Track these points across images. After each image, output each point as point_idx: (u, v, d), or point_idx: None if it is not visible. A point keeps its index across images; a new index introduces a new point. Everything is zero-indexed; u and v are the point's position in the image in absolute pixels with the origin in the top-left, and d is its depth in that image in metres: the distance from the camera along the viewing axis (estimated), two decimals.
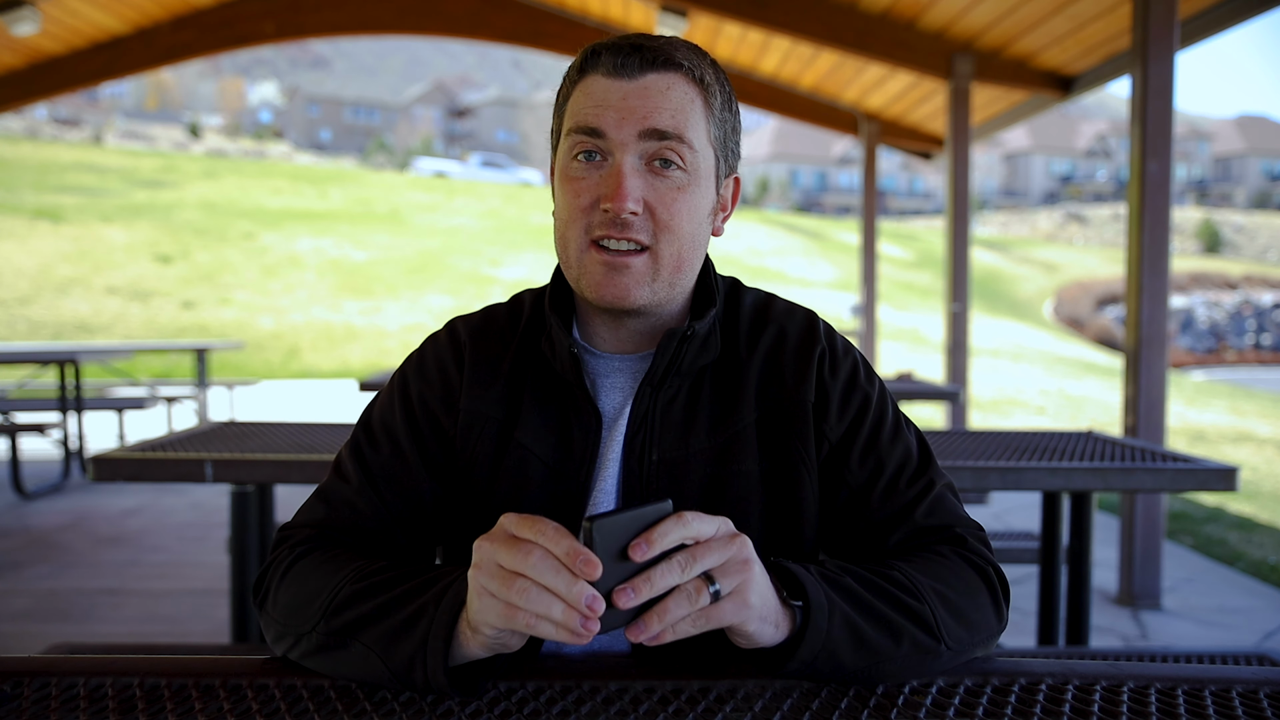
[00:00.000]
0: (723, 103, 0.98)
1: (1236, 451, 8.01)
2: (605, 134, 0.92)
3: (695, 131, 0.94)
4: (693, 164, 0.95)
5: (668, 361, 0.97)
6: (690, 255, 0.97)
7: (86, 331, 15.22)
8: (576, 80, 0.96)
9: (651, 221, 0.94)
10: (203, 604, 3.58)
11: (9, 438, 5.10)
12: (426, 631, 0.81)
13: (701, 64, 0.96)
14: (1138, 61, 3.84)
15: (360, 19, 7.29)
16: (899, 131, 7.84)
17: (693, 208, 0.96)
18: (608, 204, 0.92)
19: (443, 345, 1.06)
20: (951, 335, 6.15)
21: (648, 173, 0.93)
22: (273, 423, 2.55)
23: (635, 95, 0.92)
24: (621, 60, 0.93)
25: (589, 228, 0.94)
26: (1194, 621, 3.62)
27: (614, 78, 0.93)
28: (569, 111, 0.96)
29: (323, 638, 0.86)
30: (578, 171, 0.95)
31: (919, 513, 0.99)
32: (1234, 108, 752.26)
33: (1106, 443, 2.38)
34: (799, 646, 0.81)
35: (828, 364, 1.02)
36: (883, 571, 0.90)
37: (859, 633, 0.83)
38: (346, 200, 29.65)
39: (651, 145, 0.92)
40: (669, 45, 0.95)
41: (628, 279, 0.94)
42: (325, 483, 1.03)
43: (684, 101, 0.94)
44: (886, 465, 1.00)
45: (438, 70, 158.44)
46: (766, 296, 1.09)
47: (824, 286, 24.27)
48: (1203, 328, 30.02)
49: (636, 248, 0.94)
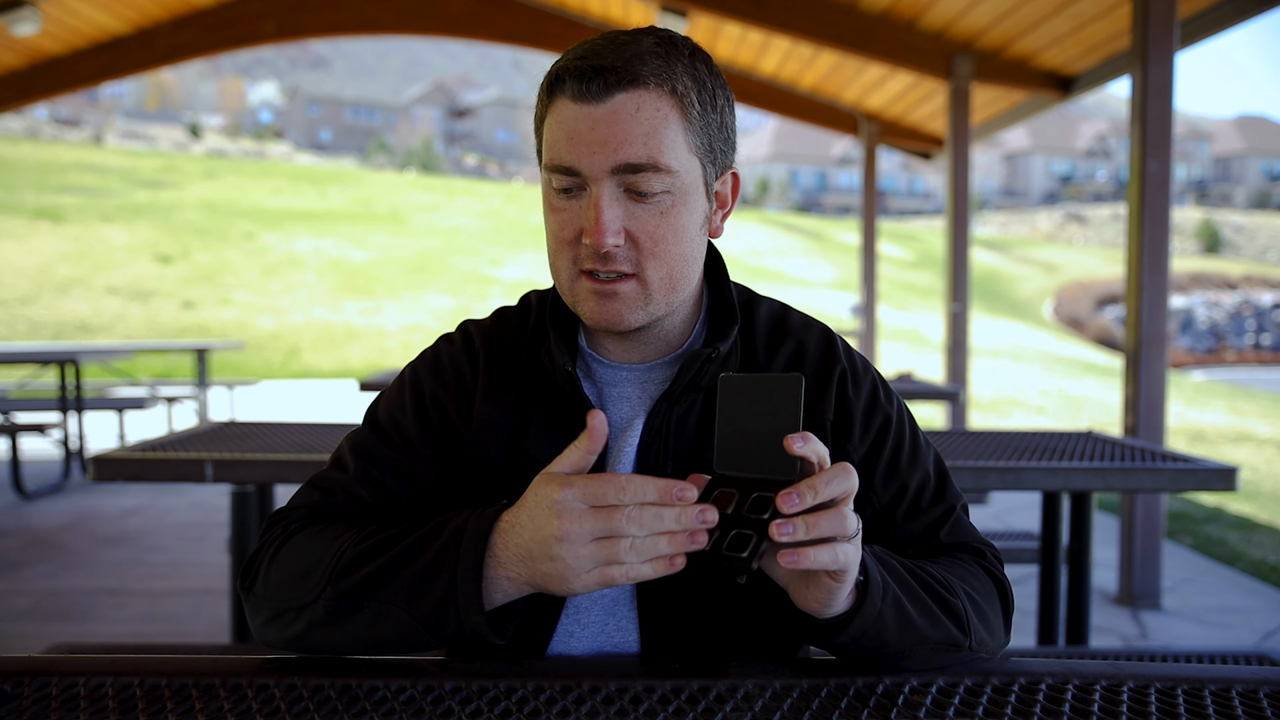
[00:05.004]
0: (703, 105, 0.93)
1: (1236, 451, 8.01)
2: (579, 171, 0.90)
3: (673, 152, 0.90)
4: (674, 185, 0.91)
5: (689, 380, 0.97)
6: (683, 271, 0.96)
7: (87, 331, 15.23)
8: (548, 103, 0.93)
9: (635, 250, 0.92)
10: (203, 604, 3.58)
11: (9, 438, 5.10)
12: (454, 575, 0.80)
13: (673, 70, 0.90)
14: (1138, 62, 3.84)
15: (360, 19, 7.29)
16: (899, 131, 7.84)
17: (678, 228, 0.93)
18: (587, 239, 0.90)
19: (457, 348, 1.05)
20: (951, 335, 6.15)
21: (627, 200, 0.91)
22: (273, 423, 2.55)
23: (604, 123, 0.88)
24: (585, 85, 0.88)
25: (576, 259, 0.93)
26: (1194, 621, 3.62)
27: (581, 103, 0.89)
28: (545, 139, 0.94)
29: (331, 603, 0.85)
30: (559, 203, 0.93)
31: (942, 533, 1.01)
32: (1234, 108, 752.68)
33: (1106, 443, 2.38)
34: (852, 620, 0.81)
35: (850, 383, 1.02)
36: (921, 563, 0.93)
37: (905, 615, 0.84)
38: (347, 200, 29.66)
39: (627, 177, 0.90)
40: (635, 59, 0.89)
41: (619, 305, 0.93)
42: (321, 473, 1.02)
43: (656, 121, 0.89)
44: (909, 486, 1.01)
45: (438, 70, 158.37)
46: (781, 308, 1.08)
47: (824, 286, 24.28)
48: (1203, 328, 30.02)
49: (623, 275, 0.93)
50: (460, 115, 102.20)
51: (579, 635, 0.98)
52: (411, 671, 0.86)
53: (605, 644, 0.98)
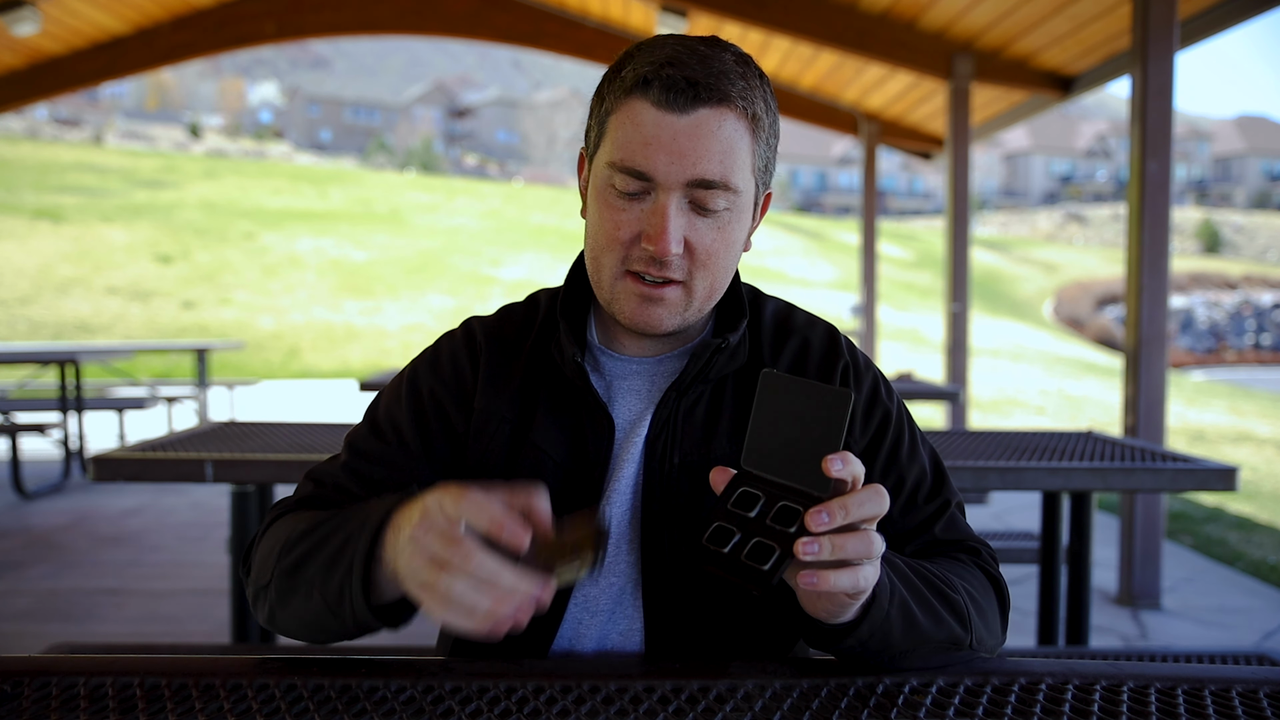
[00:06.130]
0: (770, 129, 0.95)
1: (1236, 451, 8.01)
2: (652, 176, 0.90)
3: (741, 172, 0.92)
4: (735, 203, 0.93)
5: (698, 370, 0.98)
6: (723, 283, 0.98)
7: (87, 331, 15.23)
8: (622, 98, 0.92)
9: (689, 260, 0.93)
10: (203, 604, 3.58)
11: (9, 438, 5.10)
12: (351, 558, 0.82)
13: (752, 92, 0.92)
14: (1138, 61, 3.84)
15: (360, 19, 7.29)
16: (899, 131, 7.84)
17: (730, 243, 0.95)
18: (649, 245, 0.91)
19: (458, 343, 1.06)
20: (951, 335, 6.15)
21: (690, 211, 0.92)
22: (273, 423, 2.55)
23: (685, 135, 0.89)
24: (673, 95, 0.89)
25: (626, 259, 0.94)
26: (1194, 621, 3.62)
27: (664, 110, 0.89)
28: (613, 134, 0.92)
29: (280, 582, 0.88)
30: (618, 202, 0.93)
31: (937, 528, 1.01)
32: (1234, 108, 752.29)
33: (1106, 443, 2.38)
34: (860, 625, 0.81)
35: (851, 378, 1.04)
36: (921, 562, 0.93)
37: (910, 616, 0.84)
38: (347, 200, 29.65)
39: (698, 191, 0.91)
40: (722, 77, 0.90)
41: (662, 310, 0.95)
42: (320, 464, 1.04)
43: (733, 140, 0.91)
44: (906, 480, 1.02)
45: (438, 70, 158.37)
46: (787, 306, 1.10)
47: (824, 286, 24.28)
48: (1203, 328, 30.02)
49: (670, 281, 0.94)
50: (460, 115, 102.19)
51: (588, 624, 0.98)
52: (411, 671, 0.86)
53: (612, 633, 0.98)
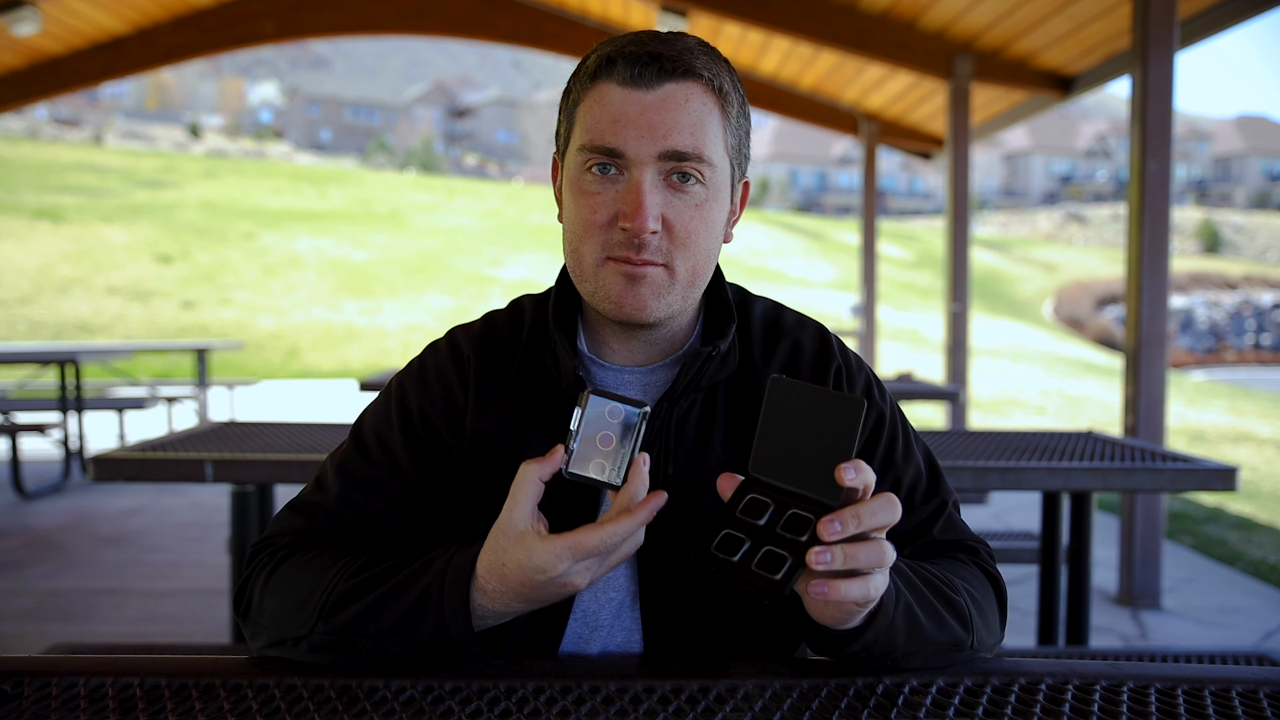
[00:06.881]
0: (739, 109, 0.95)
1: (1236, 451, 8.01)
2: (622, 153, 0.90)
3: (713, 146, 0.92)
4: (710, 179, 0.92)
5: (690, 379, 0.97)
6: (705, 268, 0.96)
7: (87, 331, 15.23)
8: (588, 85, 0.92)
9: (669, 239, 0.92)
10: (203, 604, 3.58)
11: (9, 438, 5.10)
12: (440, 612, 0.83)
13: (719, 70, 0.93)
14: (1138, 61, 3.84)
15: (360, 19, 7.29)
16: (899, 131, 7.84)
17: (709, 222, 0.94)
18: (626, 223, 0.90)
19: (444, 358, 1.03)
20: (951, 335, 6.15)
21: (666, 188, 0.91)
22: (273, 423, 2.55)
23: (653, 109, 0.89)
24: (638, 70, 0.89)
25: (606, 245, 0.92)
26: (1194, 621, 3.62)
27: (630, 88, 0.89)
28: (582, 120, 0.92)
29: (323, 638, 0.86)
30: (592, 186, 0.92)
31: (936, 529, 1.01)
32: (1234, 108, 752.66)
33: (1106, 443, 2.38)
34: (865, 631, 0.81)
35: (845, 381, 1.03)
36: (924, 565, 0.92)
37: (915, 620, 0.84)
38: (346, 200, 29.66)
39: (670, 164, 0.90)
40: (687, 52, 0.91)
41: (645, 290, 0.92)
42: (303, 494, 1.00)
43: (703, 114, 0.91)
44: (903, 481, 1.01)
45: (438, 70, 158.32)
46: (775, 306, 1.08)
47: (824, 286, 24.28)
48: (1203, 328, 30.02)
49: (652, 263, 0.93)
50: (460, 115, 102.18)
51: (588, 638, 0.98)
52: (411, 671, 0.86)
53: (611, 646, 0.98)
